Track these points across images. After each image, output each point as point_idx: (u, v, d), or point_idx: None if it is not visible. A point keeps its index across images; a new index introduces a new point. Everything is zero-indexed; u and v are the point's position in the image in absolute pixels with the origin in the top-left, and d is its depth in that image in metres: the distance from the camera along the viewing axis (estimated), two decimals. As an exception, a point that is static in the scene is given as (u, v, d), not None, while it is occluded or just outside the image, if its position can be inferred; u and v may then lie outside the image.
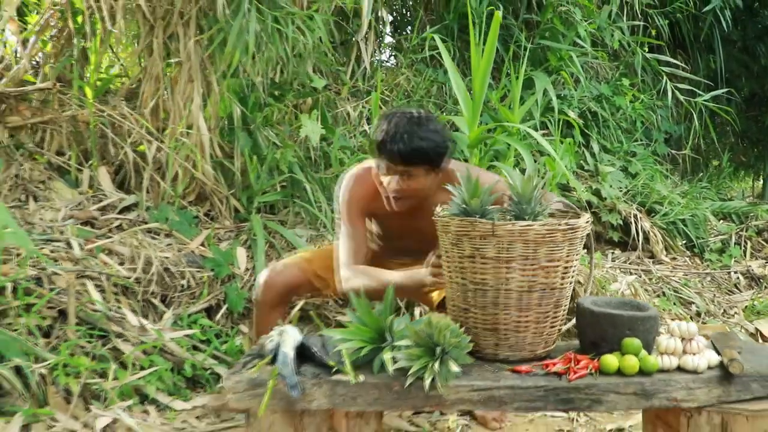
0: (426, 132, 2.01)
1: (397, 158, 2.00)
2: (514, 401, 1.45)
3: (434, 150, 2.01)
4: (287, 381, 1.40)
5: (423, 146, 1.99)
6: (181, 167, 2.98)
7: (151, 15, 3.01)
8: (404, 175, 2.03)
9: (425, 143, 1.99)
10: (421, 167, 2.02)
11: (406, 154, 1.99)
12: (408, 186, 2.05)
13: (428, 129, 2.02)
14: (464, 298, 1.59)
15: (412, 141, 1.98)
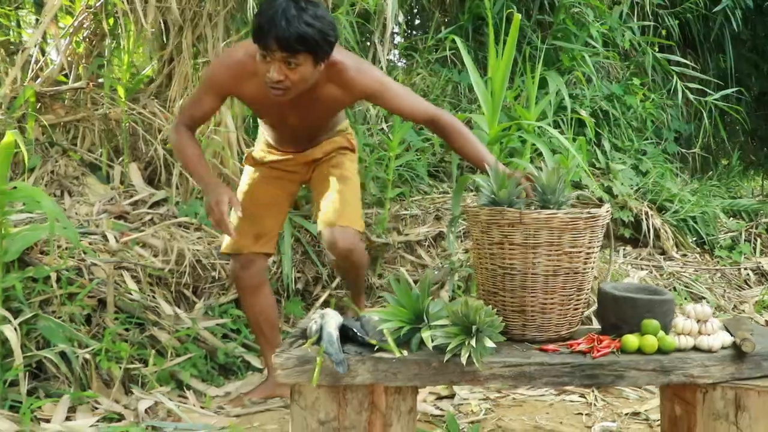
0: (310, 17, 1.86)
1: (276, 44, 1.86)
2: (543, 377, 1.58)
3: (318, 37, 1.88)
4: (333, 358, 1.53)
5: (307, 32, 1.85)
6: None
7: (181, 17, 3.15)
8: (285, 63, 1.90)
9: (310, 29, 1.85)
10: (304, 56, 1.90)
11: (285, 40, 1.85)
12: (289, 77, 1.93)
13: (312, 14, 1.87)
14: (493, 282, 1.72)
15: (293, 25, 1.84)
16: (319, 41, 1.88)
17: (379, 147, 3.75)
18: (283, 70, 1.91)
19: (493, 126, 2.85)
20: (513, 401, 2.53)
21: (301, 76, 1.94)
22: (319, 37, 1.88)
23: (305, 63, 1.92)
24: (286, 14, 1.84)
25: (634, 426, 2.34)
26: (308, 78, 1.97)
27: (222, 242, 2.44)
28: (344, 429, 1.63)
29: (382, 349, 1.58)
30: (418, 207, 3.90)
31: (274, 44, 1.86)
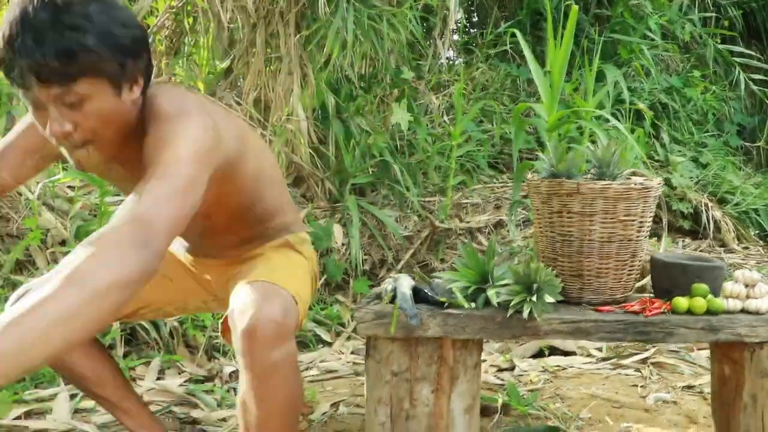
0: (70, 19, 1.19)
1: (30, 73, 1.18)
2: (598, 332, 1.75)
3: (91, 41, 1.20)
4: (408, 312, 1.73)
5: (69, 37, 1.18)
6: (281, 152, 3.36)
7: (255, 14, 3.40)
8: (58, 103, 1.24)
9: (70, 36, 1.18)
10: (81, 81, 1.22)
11: (38, 61, 1.17)
12: (77, 121, 1.26)
13: (73, 14, 1.19)
14: (553, 248, 1.89)
15: (45, 37, 1.17)
16: (100, 49, 1.22)
17: (441, 137, 3.96)
18: (65, 115, 1.25)
19: (552, 114, 3.01)
20: (571, 373, 2.69)
21: (98, 115, 1.27)
22: (97, 42, 1.21)
23: (95, 93, 1.25)
24: (32, 25, 1.17)
25: (688, 398, 2.47)
26: (113, 116, 1.30)
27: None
28: (415, 380, 1.82)
29: (451, 306, 1.77)
30: (479, 196, 4.08)
31: (28, 76, 1.19)
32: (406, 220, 3.55)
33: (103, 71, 1.24)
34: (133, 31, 1.29)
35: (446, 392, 1.83)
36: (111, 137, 1.32)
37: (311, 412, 2.25)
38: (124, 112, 1.32)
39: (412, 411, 1.83)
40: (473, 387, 1.89)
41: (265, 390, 1.42)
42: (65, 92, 1.22)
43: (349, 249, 3.23)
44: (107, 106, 1.28)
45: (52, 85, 1.21)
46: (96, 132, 1.29)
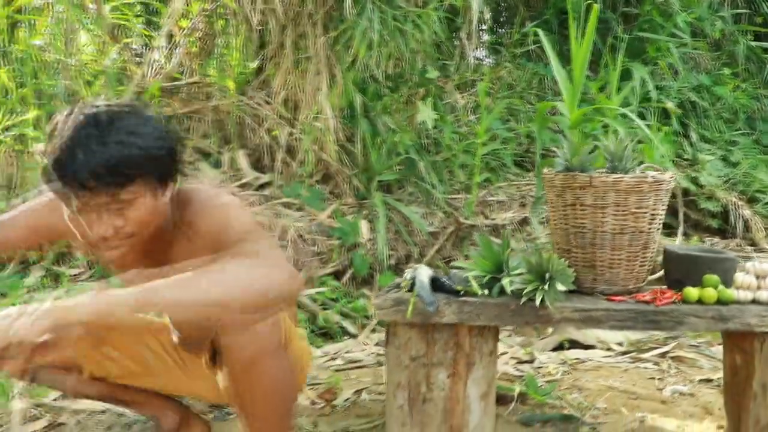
0: (116, 136, 1.35)
1: (80, 179, 1.32)
2: (609, 320, 1.81)
3: (137, 151, 1.36)
4: (425, 299, 1.81)
5: (121, 150, 1.34)
6: (309, 150, 3.47)
7: (284, 16, 3.51)
8: (110, 207, 1.38)
9: (117, 150, 1.34)
10: (131, 186, 1.37)
11: (92, 173, 1.32)
12: (127, 218, 1.40)
13: (119, 130, 1.36)
14: (567, 240, 1.96)
15: (95, 152, 1.32)
16: (144, 161, 1.37)
17: (467, 136, 4.03)
18: (113, 217, 1.39)
19: (573, 111, 3.05)
20: (590, 366, 2.75)
21: (142, 213, 1.42)
22: (141, 155, 1.36)
23: (142, 195, 1.40)
24: (82, 142, 1.33)
25: (705, 390, 2.52)
26: (154, 214, 1.45)
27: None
28: (432, 365, 1.90)
29: (467, 294, 1.85)
30: (505, 193, 4.14)
31: (80, 188, 1.34)
32: (431, 217, 3.63)
33: (145, 179, 1.39)
34: (168, 141, 1.44)
35: (462, 378, 1.91)
36: (147, 236, 1.46)
37: (335, 399, 2.34)
38: (161, 212, 1.47)
39: (429, 395, 1.91)
40: (489, 374, 1.96)
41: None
42: (111, 200, 1.37)
43: (376, 244, 3.32)
44: (148, 210, 1.42)
45: (100, 194, 1.35)
46: (135, 233, 1.43)
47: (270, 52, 3.57)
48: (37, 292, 2.68)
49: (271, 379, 1.55)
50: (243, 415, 1.60)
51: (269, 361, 1.53)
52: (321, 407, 2.29)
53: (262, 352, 1.50)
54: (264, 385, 1.54)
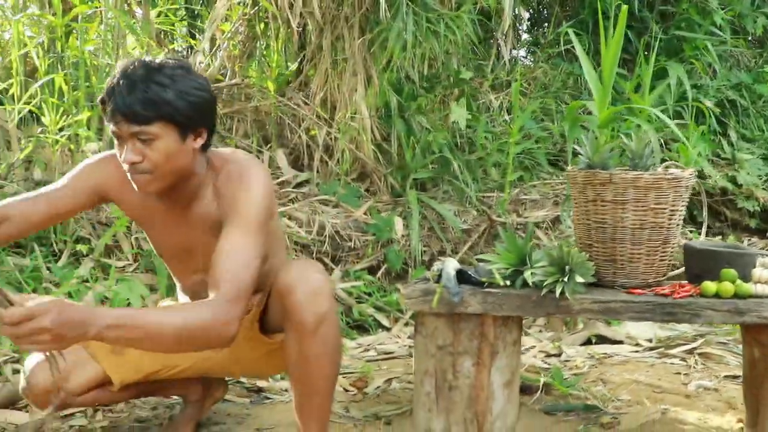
0: (159, 77, 1.55)
1: (119, 115, 1.55)
2: (627, 312, 1.89)
3: (173, 97, 1.55)
4: (450, 290, 1.92)
5: (156, 93, 1.54)
6: (346, 149, 3.60)
7: (321, 19, 3.65)
8: (138, 140, 1.57)
9: (159, 89, 1.54)
10: (159, 125, 1.56)
11: (122, 107, 1.54)
12: (145, 155, 1.58)
13: (162, 74, 1.56)
14: (588, 235, 2.04)
15: (136, 87, 1.53)
16: (174, 100, 1.56)
17: (501, 135, 4.12)
18: (137, 148, 1.58)
19: (602, 110, 3.13)
20: (616, 360, 2.82)
21: (163, 152, 1.58)
22: (173, 95, 1.55)
23: (165, 135, 1.57)
24: (129, 77, 1.55)
25: (730, 386, 2.57)
26: (176, 156, 1.61)
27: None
28: (458, 354, 2.01)
29: (491, 285, 1.96)
30: (538, 192, 4.22)
31: (118, 115, 1.55)
32: (464, 214, 3.73)
33: (173, 120, 1.57)
34: (204, 94, 1.63)
35: (486, 366, 2.01)
36: (169, 173, 1.64)
37: (366, 386, 2.46)
38: (184, 155, 1.63)
39: (455, 382, 2.02)
40: (512, 363, 2.06)
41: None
42: (141, 131, 1.57)
43: (409, 240, 3.43)
44: (171, 147, 1.60)
45: (132, 124, 1.56)
46: (157, 165, 1.60)
47: (308, 54, 3.70)
48: (88, 282, 2.85)
49: (334, 340, 1.73)
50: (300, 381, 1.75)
51: (333, 322, 1.71)
52: (353, 394, 2.41)
53: (329, 312, 1.69)
54: (329, 345, 1.71)
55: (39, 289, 2.76)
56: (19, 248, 2.97)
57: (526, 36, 5.94)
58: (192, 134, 1.63)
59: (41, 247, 2.99)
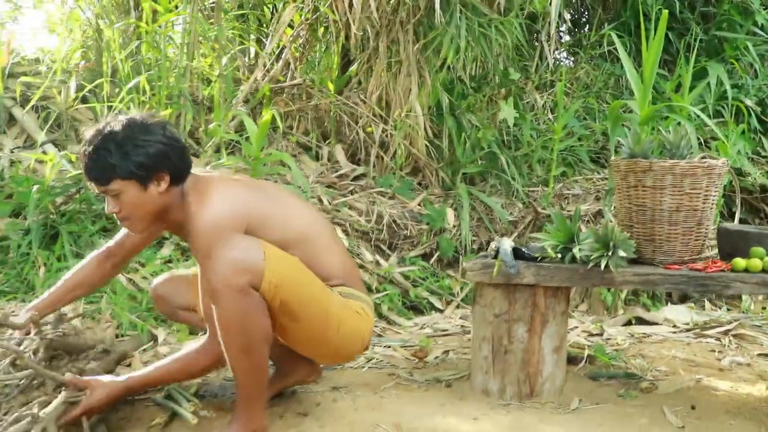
0: (104, 144, 1.86)
1: (86, 178, 1.93)
2: (664, 283, 2.18)
3: (114, 161, 1.85)
4: (508, 263, 2.22)
5: (100, 160, 1.86)
6: (401, 145, 3.91)
7: (378, 24, 3.97)
8: (106, 195, 1.92)
9: (103, 157, 1.85)
10: (112, 184, 1.88)
11: (87, 174, 1.91)
12: (119, 207, 1.92)
13: (108, 142, 1.86)
14: (629, 217, 2.33)
15: (89, 158, 1.87)
16: (120, 163, 1.85)
17: (545, 133, 4.40)
18: (111, 202, 1.93)
19: (643, 108, 3.40)
20: (655, 339, 3.09)
21: (130, 203, 1.91)
22: (119, 158, 1.85)
23: (126, 189, 1.89)
24: (86, 149, 1.88)
25: (762, 362, 2.82)
26: (143, 203, 1.92)
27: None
28: (513, 321, 2.31)
29: (543, 260, 2.26)
30: (581, 187, 4.49)
31: (90, 182, 1.93)
32: (511, 207, 4.02)
33: (124, 177, 1.87)
34: (151, 147, 1.88)
35: (538, 333, 2.31)
36: (144, 217, 1.95)
37: (426, 356, 2.77)
38: (150, 199, 1.92)
39: (509, 347, 2.32)
40: (561, 331, 2.36)
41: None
42: (106, 190, 1.90)
43: (460, 230, 3.74)
44: (136, 197, 1.90)
45: (98, 185, 1.91)
46: (131, 213, 1.93)
47: (365, 56, 4.03)
48: (170, 262, 3.21)
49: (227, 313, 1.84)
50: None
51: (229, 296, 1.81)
52: (415, 362, 2.72)
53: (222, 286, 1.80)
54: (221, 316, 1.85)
55: (127, 269, 3.12)
56: (107, 232, 3.34)
57: (566, 38, 6.19)
58: (150, 182, 1.90)
59: (127, 232, 3.34)
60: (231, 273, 1.77)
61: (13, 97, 3.88)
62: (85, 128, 1.99)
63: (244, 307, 1.79)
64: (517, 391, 2.33)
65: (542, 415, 2.21)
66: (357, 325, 2.07)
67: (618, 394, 2.40)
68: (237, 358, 1.86)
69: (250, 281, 1.79)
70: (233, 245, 1.81)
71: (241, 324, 1.80)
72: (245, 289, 1.79)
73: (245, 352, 1.84)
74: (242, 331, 1.81)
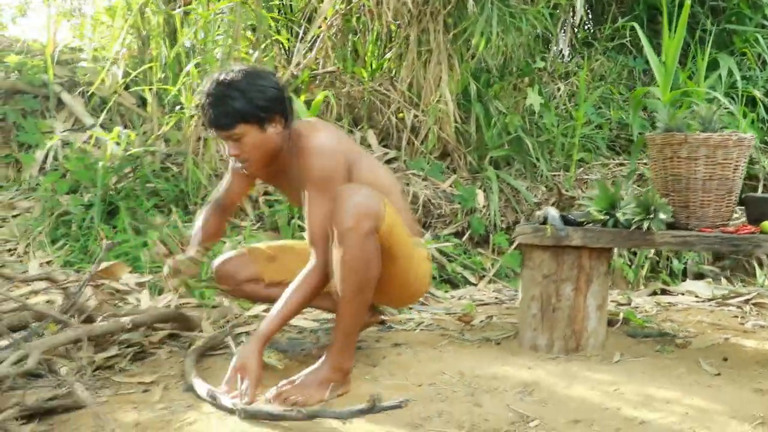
0: (229, 90, 2.05)
1: (213, 128, 2.11)
2: (701, 244, 2.45)
3: (242, 105, 2.04)
4: (557, 226, 2.49)
5: (226, 104, 2.04)
6: (432, 130, 4.18)
7: (408, 14, 4.24)
8: (229, 139, 2.11)
9: (228, 102, 2.04)
10: (236, 128, 2.07)
11: (211, 121, 2.08)
12: (240, 150, 2.11)
13: (232, 87, 2.05)
14: (665, 186, 2.60)
15: (214, 102, 2.05)
16: (245, 106, 2.05)
17: (565, 119, 4.69)
18: (233, 146, 2.11)
19: (666, 94, 3.69)
20: (680, 308, 3.37)
21: (252, 145, 2.11)
22: (243, 102, 2.05)
23: (248, 132, 2.09)
24: (209, 97, 2.07)
25: (784, 325, 3.11)
26: (262, 144, 2.13)
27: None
28: (561, 281, 2.57)
29: (589, 223, 2.53)
30: (598, 173, 4.77)
31: (212, 129, 2.12)
32: (534, 190, 4.29)
33: (249, 120, 2.08)
34: (268, 91, 2.10)
35: (583, 292, 2.58)
36: (262, 158, 2.17)
37: (471, 320, 3.03)
38: (269, 140, 2.14)
39: (557, 305, 2.59)
40: (603, 290, 2.63)
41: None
42: (229, 134, 2.10)
43: (488, 211, 4.01)
44: (257, 139, 2.12)
45: (221, 131, 2.11)
46: (251, 154, 2.14)
47: (397, 45, 4.29)
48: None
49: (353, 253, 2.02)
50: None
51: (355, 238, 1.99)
52: (462, 326, 2.98)
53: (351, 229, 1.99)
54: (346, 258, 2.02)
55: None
56: (159, 209, 3.59)
57: (587, 29, 6.45)
58: (269, 124, 2.11)
59: (177, 208, 3.61)
60: (359, 217, 1.98)
61: (60, 83, 4.13)
62: (204, 79, 2.21)
63: (368, 249, 2.01)
64: (564, 346, 2.59)
65: (589, 365, 2.47)
66: (428, 269, 2.40)
67: (655, 350, 2.67)
68: (351, 298, 2.05)
69: (374, 225, 2.01)
70: (356, 191, 2.04)
71: (363, 265, 2.01)
72: (370, 233, 2.01)
73: (359, 292, 2.05)
74: (363, 271, 2.02)
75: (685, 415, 2.00)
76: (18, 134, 3.92)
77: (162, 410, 2.00)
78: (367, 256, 2.02)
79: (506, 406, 2.06)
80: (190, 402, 2.06)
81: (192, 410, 1.99)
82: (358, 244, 1.99)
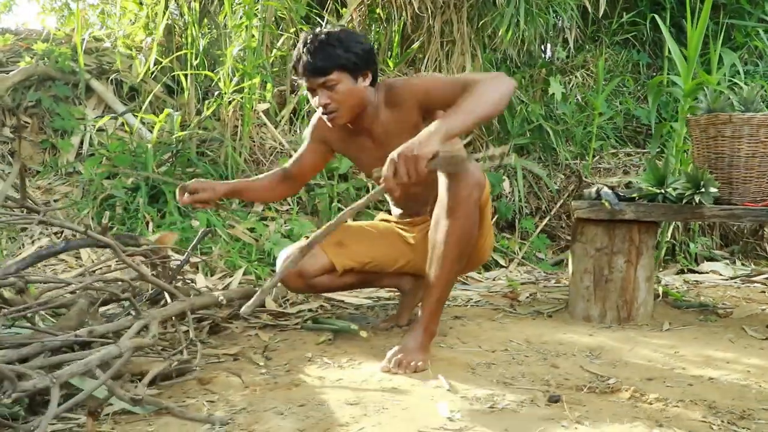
0: (329, 39, 2.19)
1: (304, 71, 2.21)
2: (747, 216, 2.65)
3: (341, 50, 2.18)
4: (611, 201, 2.69)
5: (327, 50, 2.17)
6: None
7: (432, 5, 4.42)
8: (324, 88, 2.21)
9: (329, 48, 2.17)
10: (337, 73, 2.19)
11: (309, 64, 2.18)
12: (333, 97, 2.23)
13: (331, 37, 2.20)
14: (708, 164, 2.82)
15: (314, 50, 2.18)
16: (343, 54, 2.19)
17: (581, 109, 4.91)
18: (325, 94, 2.23)
19: (687, 82, 3.91)
20: (707, 285, 3.60)
21: (344, 93, 2.23)
22: (342, 50, 2.19)
23: (342, 79, 2.21)
24: (306, 44, 2.21)
25: (811, 299, 3.35)
26: (353, 93, 2.25)
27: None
28: (612, 254, 2.77)
29: (641, 198, 2.73)
30: (610, 162, 5.00)
31: (306, 74, 2.22)
32: (554, 177, 4.51)
33: (345, 67, 2.22)
34: (363, 46, 2.26)
35: (634, 264, 2.79)
36: (351, 107, 2.28)
37: (518, 297, 3.22)
38: (359, 91, 2.27)
39: (610, 276, 2.79)
40: (651, 262, 2.84)
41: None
42: (326, 80, 2.22)
43: (512, 197, 4.21)
44: (349, 88, 2.24)
45: (318, 77, 2.22)
46: (342, 103, 2.25)
47: (420, 35, 4.47)
48: (265, 220, 3.60)
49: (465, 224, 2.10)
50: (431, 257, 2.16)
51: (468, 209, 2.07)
52: (510, 301, 3.17)
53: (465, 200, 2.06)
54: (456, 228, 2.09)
55: (225, 226, 3.51)
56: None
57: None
58: (361, 76, 2.25)
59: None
60: (473, 186, 2.07)
61: (89, 71, 4.23)
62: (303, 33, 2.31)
63: (475, 219, 2.11)
64: (616, 316, 2.79)
65: (644, 333, 2.66)
66: (492, 236, 2.61)
67: (699, 319, 2.88)
68: (452, 265, 2.12)
69: (481, 195, 2.12)
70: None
71: (470, 234, 2.11)
72: (478, 203, 2.12)
73: (459, 261, 2.15)
74: (467, 241, 2.11)
75: (747, 372, 2.19)
76: (53, 120, 4.01)
77: (264, 375, 2.12)
78: (473, 225, 2.11)
79: (580, 367, 2.23)
80: (289, 368, 2.19)
81: (292, 374, 2.12)
82: (470, 213, 2.08)
